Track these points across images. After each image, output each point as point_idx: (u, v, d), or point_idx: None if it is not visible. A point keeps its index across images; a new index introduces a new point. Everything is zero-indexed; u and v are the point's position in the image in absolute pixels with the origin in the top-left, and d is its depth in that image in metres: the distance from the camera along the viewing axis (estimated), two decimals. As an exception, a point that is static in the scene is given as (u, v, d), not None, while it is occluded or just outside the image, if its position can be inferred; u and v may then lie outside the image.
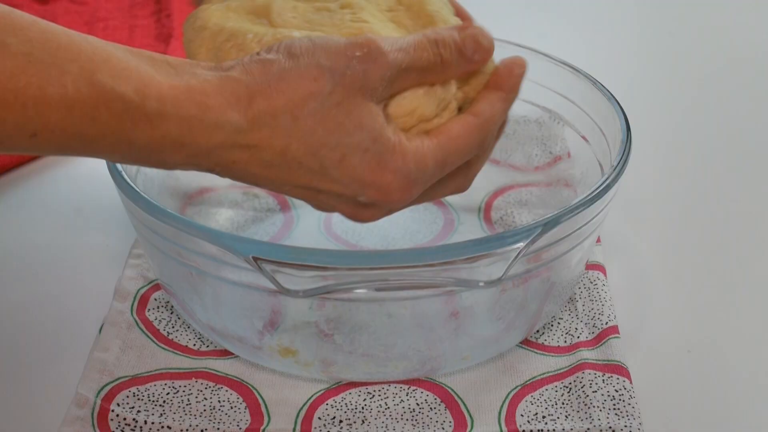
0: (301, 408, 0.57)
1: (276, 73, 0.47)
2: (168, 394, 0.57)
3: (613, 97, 0.64)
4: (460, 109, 0.53)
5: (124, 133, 0.44)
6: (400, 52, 0.49)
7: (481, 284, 0.51)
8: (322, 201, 0.50)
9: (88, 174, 0.77)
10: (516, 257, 0.51)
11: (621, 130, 0.60)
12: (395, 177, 0.48)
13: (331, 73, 0.47)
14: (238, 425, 0.55)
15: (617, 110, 0.62)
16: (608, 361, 0.59)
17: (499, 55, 0.69)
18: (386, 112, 0.49)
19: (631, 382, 0.57)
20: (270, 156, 0.47)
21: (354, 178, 0.48)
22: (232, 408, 0.56)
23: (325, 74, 0.47)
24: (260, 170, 0.48)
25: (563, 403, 0.56)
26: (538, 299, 0.58)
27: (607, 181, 0.56)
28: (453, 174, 0.52)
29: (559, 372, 0.59)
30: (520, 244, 0.51)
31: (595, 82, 0.66)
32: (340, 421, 0.56)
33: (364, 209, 0.50)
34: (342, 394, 0.57)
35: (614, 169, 0.57)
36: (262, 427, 0.55)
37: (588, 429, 0.55)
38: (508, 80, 0.53)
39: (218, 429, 0.55)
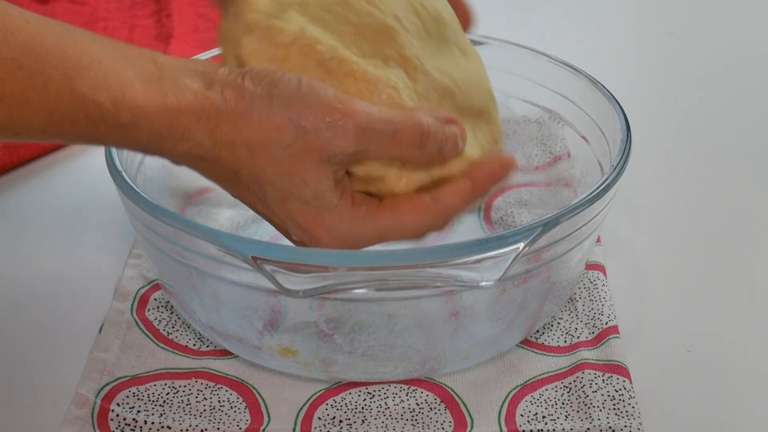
0: (301, 408, 0.57)
1: (247, 106, 0.49)
2: (168, 394, 0.57)
3: (613, 97, 0.64)
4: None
5: (99, 136, 0.48)
6: (377, 136, 0.50)
7: (481, 284, 0.51)
8: (266, 220, 0.54)
9: (88, 174, 0.77)
10: (516, 257, 0.51)
11: (621, 130, 0.60)
12: (328, 234, 0.51)
13: (296, 129, 0.49)
14: (238, 425, 0.55)
15: (617, 110, 0.62)
16: (608, 361, 0.59)
17: (499, 55, 0.70)
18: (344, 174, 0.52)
19: (631, 382, 0.57)
20: (224, 173, 0.51)
21: (291, 218, 0.51)
22: (232, 408, 0.56)
23: (290, 127, 0.49)
24: (216, 179, 0.52)
25: (563, 403, 0.56)
26: (538, 299, 0.58)
27: (607, 181, 0.56)
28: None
29: (559, 372, 0.59)
30: (520, 244, 0.51)
31: (595, 82, 0.66)
32: (340, 421, 0.56)
33: (299, 242, 0.53)
34: (342, 394, 0.57)
35: (614, 169, 0.57)
36: (262, 427, 0.55)
37: (588, 429, 0.55)
38: (484, 177, 0.54)
39: (218, 429, 0.55)
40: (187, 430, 0.55)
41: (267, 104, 0.49)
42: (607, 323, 0.61)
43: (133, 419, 0.55)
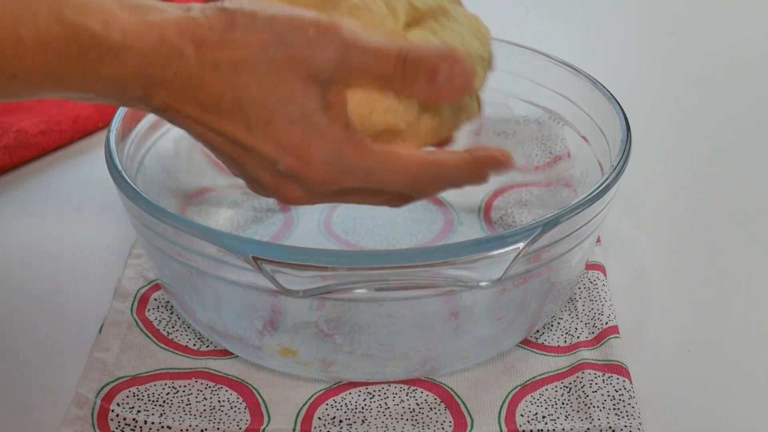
0: (301, 408, 0.57)
1: (230, 23, 0.49)
2: (168, 394, 0.57)
3: (613, 97, 0.64)
4: None
5: (91, 67, 0.47)
6: (360, 50, 0.49)
7: (481, 284, 0.51)
8: (248, 165, 0.51)
9: (88, 174, 0.77)
10: (516, 257, 0.51)
11: (621, 130, 0.60)
12: (318, 155, 0.49)
13: (280, 42, 0.48)
14: (238, 425, 0.55)
15: (617, 110, 0.62)
16: (608, 361, 0.59)
17: (499, 55, 0.69)
18: (338, 100, 0.50)
19: (631, 382, 0.57)
20: (207, 98, 0.49)
21: (278, 143, 0.49)
22: (232, 408, 0.56)
23: (274, 41, 0.48)
24: (198, 112, 0.49)
25: (563, 403, 0.56)
26: (538, 299, 0.58)
27: (607, 181, 0.56)
28: (382, 192, 0.52)
29: (559, 372, 0.59)
30: (520, 244, 0.51)
31: (595, 82, 0.66)
32: (340, 421, 0.56)
33: (285, 181, 0.51)
34: (342, 394, 0.57)
35: (614, 169, 0.57)
36: (262, 427, 0.55)
37: (588, 429, 0.55)
38: (482, 154, 0.53)
39: (218, 429, 0.55)
40: (187, 430, 0.55)
41: (251, 21, 0.49)
42: (607, 323, 0.61)
43: (133, 419, 0.55)
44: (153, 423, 0.55)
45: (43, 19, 0.45)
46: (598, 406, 0.56)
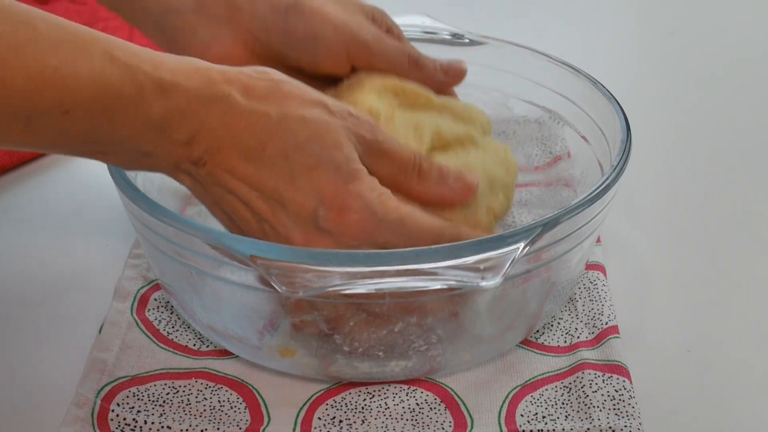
0: (301, 408, 0.57)
1: (278, 82, 0.52)
2: (168, 394, 0.57)
3: (613, 97, 0.64)
4: None
5: (142, 105, 0.48)
6: (386, 138, 0.54)
7: (481, 284, 0.51)
8: (280, 221, 0.52)
9: (88, 174, 0.77)
10: (516, 257, 0.51)
11: (621, 130, 0.60)
12: (359, 201, 0.51)
13: (325, 107, 0.52)
14: (238, 425, 0.55)
15: (617, 110, 0.62)
16: (608, 361, 0.59)
17: (499, 55, 0.70)
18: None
19: (631, 382, 0.57)
20: (251, 143, 0.50)
21: (318, 190, 0.51)
22: (232, 408, 0.56)
23: (320, 105, 0.52)
24: (239, 162, 0.51)
25: (563, 403, 0.56)
26: (538, 299, 0.58)
27: (607, 181, 0.56)
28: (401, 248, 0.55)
29: (559, 372, 0.59)
30: (520, 244, 0.51)
31: (595, 82, 0.66)
32: (340, 421, 0.56)
33: (317, 236, 0.52)
34: (342, 394, 0.57)
35: (614, 169, 0.57)
36: (262, 427, 0.55)
37: (588, 429, 0.55)
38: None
39: (218, 429, 0.55)
40: (187, 430, 0.55)
41: (296, 85, 0.52)
42: (607, 323, 0.61)
43: (133, 419, 0.55)
44: (153, 423, 0.55)
45: (97, 57, 0.47)
46: (598, 406, 0.56)
